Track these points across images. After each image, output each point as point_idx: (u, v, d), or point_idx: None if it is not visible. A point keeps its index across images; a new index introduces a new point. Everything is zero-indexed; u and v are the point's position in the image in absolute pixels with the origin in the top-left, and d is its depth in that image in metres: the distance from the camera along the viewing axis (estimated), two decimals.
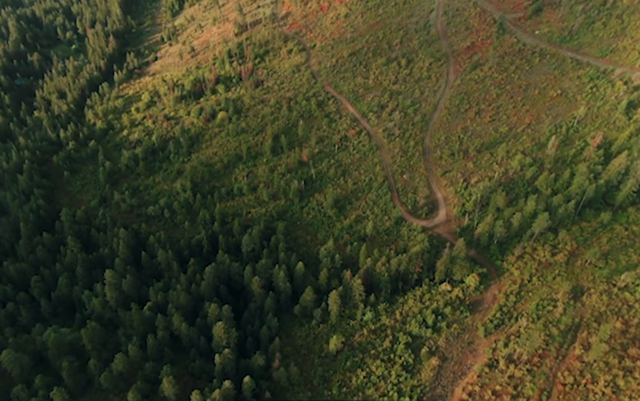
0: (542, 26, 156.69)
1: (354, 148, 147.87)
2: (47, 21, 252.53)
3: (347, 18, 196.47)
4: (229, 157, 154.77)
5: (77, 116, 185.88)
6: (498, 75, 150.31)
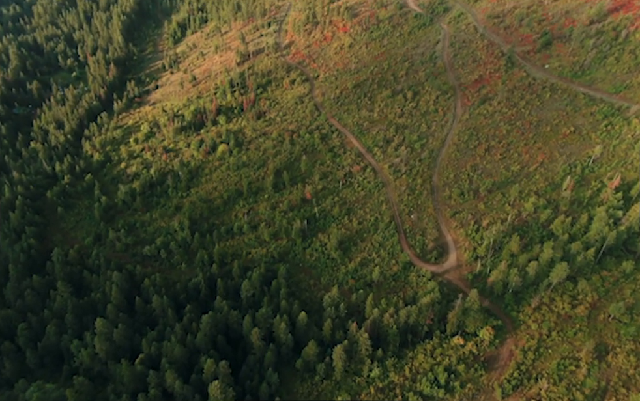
0: (552, 60, 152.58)
1: (359, 185, 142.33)
2: (49, 48, 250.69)
3: (351, 48, 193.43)
4: (229, 193, 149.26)
5: (75, 147, 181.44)
6: (508, 110, 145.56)
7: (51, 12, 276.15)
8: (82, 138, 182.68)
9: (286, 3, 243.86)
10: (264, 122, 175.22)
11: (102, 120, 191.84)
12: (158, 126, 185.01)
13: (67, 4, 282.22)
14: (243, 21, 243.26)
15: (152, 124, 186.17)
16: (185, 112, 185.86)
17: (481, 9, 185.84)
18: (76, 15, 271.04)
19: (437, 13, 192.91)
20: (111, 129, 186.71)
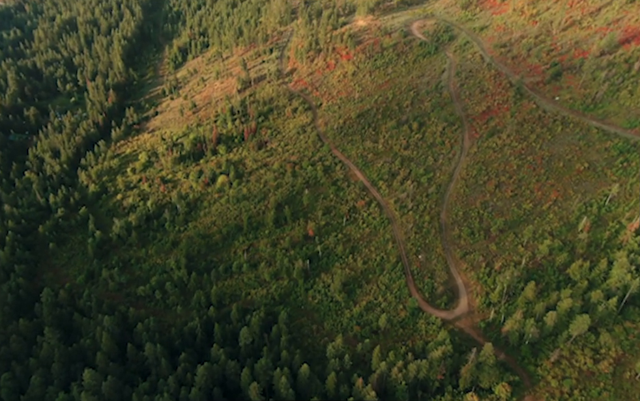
0: (563, 92, 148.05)
1: (364, 221, 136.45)
2: (48, 72, 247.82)
3: (354, 76, 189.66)
4: (229, 228, 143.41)
5: (70, 177, 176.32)
6: (518, 143, 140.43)
7: (51, 36, 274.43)
8: (78, 168, 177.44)
9: (288, 29, 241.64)
10: (265, 152, 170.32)
11: (99, 148, 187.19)
12: (157, 155, 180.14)
13: (68, 28, 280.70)
14: (245, 46, 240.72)
15: (151, 153, 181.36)
16: (184, 141, 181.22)
17: (488, 38, 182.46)
18: (77, 40, 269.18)
19: (442, 42, 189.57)
20: (108, 158, 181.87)
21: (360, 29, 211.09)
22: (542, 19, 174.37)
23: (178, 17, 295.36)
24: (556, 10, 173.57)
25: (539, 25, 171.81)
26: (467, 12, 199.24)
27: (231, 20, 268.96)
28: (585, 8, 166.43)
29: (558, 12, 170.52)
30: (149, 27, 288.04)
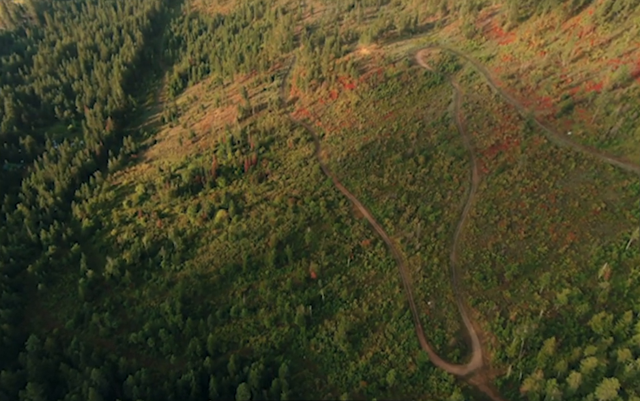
0: (575, 126, 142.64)
1: (369, 262, 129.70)
2: (46, 99, 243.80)
3: (358, 106, 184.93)
4: (227, 268, 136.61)
5: (64, 210, 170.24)
6: (530, 181, 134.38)
7: (51, 61, 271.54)
8: (72, 201, 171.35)
9: (290, 56, 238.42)
10: (266, 185, 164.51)
11: (95, 180, 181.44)
12: (154, 188, 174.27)
13: (68, 53, 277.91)
14: (246, 73, 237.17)
15: (148, 185, 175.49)
16: (182, 173, 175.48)
17: (494, 68, 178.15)
18: (76, 65, 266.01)
19: (448, 72, 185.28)
20: (103, 191, 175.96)
21: (363, 58, 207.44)
22: (550, 50, 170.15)
23: (179, 42, 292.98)
24: (564, 41, 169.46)
25: (548, 56, 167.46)
26: (473, 41, 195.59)
27: (232, 46, 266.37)
28: (595, 40, 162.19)
29: (567, 43, 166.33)
30: (150, 53, 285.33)
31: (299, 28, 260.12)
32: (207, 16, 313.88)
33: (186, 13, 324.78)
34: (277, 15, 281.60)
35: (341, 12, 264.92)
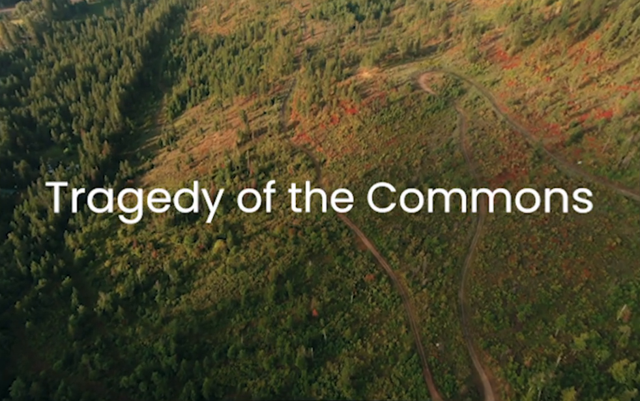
0: (585, 155, 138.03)
1: (373, 299, 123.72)
2: (42, 122, 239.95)
3: (360, 132, 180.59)
4: (224, 303, 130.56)
5: (57, 239, 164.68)
6: (540, 213, 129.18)
7: (48, 83, 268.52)
8: (65, 231, 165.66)
9: (290, 78, 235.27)
10: (265, 214, 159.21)
11: (89, 208, 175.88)
12: (149, 215, 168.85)
13: (66, 75, 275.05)
14: (245, 95, 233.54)
15: (143, 213, 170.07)
16: (180, 200, 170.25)
17: (499, 93, 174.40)
18: (74, 87, 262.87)
19: (452, 97, 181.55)
20: (97, 219, 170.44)
21: (365, 81, 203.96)
22: (557, 75, 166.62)
23: (179, 63, 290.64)
24: (571, 66, 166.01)
25: (555, 82, 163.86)
26: (477, 65, 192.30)
27: (231, 68, 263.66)
28: (602, 65, 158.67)
29: (573, 69, 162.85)
30: (148, 74, 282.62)
31: (299, 50, 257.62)
32: (207, 37, 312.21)
33: (185, 34, 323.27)
34: (277, 36, 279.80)
35: (342, 33, 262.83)
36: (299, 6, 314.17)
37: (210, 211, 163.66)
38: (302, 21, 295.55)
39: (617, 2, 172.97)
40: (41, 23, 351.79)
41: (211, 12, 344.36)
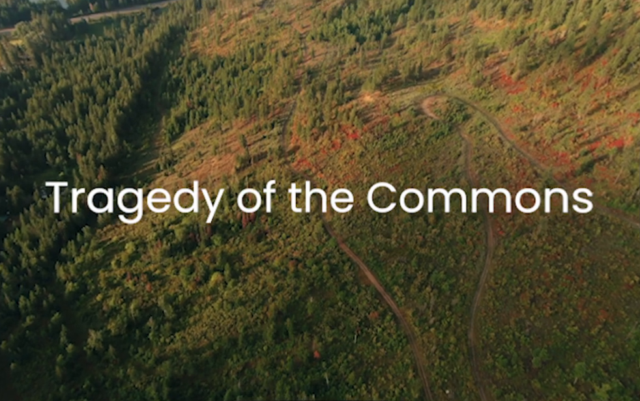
0: (597, 186, 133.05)
1: (378, 339, 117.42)
2: (38, 145, 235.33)
3: (362, 158, 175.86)
4: (221, 343, 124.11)
5: (48, 270, 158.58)
6: (552, 247, 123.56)
7: (45, 105, 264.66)
8: (57, 262, 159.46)
9: (291, 101, 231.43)
10: (264, 244, 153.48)
11: (83, 236, 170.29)
12: (145, 245, 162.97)
13: (63, 97, 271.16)
14: (245, 118, 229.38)
15: (138, 243, 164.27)
16: (176, 230, 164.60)
17: (505, 119, 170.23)
18: (71, 109, 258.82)
19: (456, 122, 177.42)
20: (91, 249, 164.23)
21: (366, 106, 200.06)
22: (564, 101, 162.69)
23: (178, 84, 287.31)
24: (578, 92, 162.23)
25: (562, 108, 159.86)
26: (481, 89, 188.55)
27: (231, 89, 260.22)
28: (611, 91, 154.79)
29: (581, 95, 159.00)
30: (147, 95, 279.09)
31: (300, 72, 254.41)
32: (206, 58, 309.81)
33: (185, 55, 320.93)
34: (277, 57, 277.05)
35: (342, 55, 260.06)
36: (299, 27, 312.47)
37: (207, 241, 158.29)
38: (302, 43, 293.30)
39: (624, 27, 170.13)
40: (40, 44, 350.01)
41: (211, 33, 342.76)
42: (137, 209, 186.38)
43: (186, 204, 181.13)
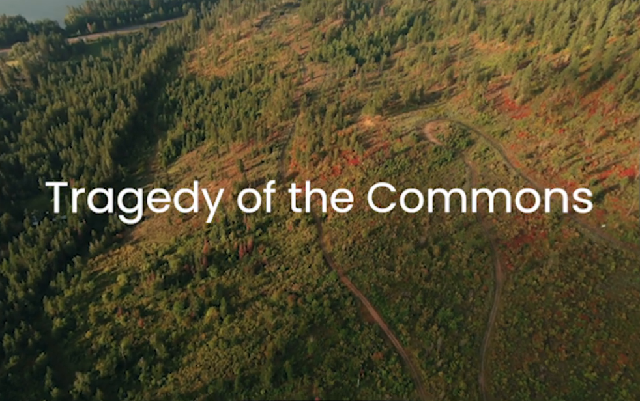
0: (609, 218, 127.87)
1: (383, 382, 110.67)
2: (30, 169, 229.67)
3: (363, 185, 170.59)
4: (216, 386, 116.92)
5: (35, 304, 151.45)
6: (565, 283, 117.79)
7: (39, 128, 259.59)
8: (44, 296, 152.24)
9: (289, 124, 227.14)
10: (262, 277, 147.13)
11: (73, 267, 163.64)
12: (138, 277, 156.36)
13: (58, 119, 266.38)
14: (242, 142, 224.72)
15: (131, 275, 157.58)
16: (170, 261, 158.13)
17: (510, 145, 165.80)
18: (66, 132, 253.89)
19: (459, 148, 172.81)
20: (81, 281, 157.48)
21: (367, 130, 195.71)
22: (570, 128, 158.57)
23: (175, 106, 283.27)
24: (584, 118, 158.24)
25: (569, 134, 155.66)
26: (484, 113, 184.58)
27: (229, 112, 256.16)
28: (619, 118, 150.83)
29: (588, 121, 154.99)
30: (143, 117, 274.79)
31: (299, 94, 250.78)
32: (204, 79, 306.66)
33: (182, 76, 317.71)
34: (276, 79, 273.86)
35: (342, 77, 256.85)
36: (298, 48, 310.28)
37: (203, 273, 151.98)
38: (301, 64, 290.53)
39: (629, 52, 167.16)
40: (36, 65, 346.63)
41: (209, 53, 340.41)
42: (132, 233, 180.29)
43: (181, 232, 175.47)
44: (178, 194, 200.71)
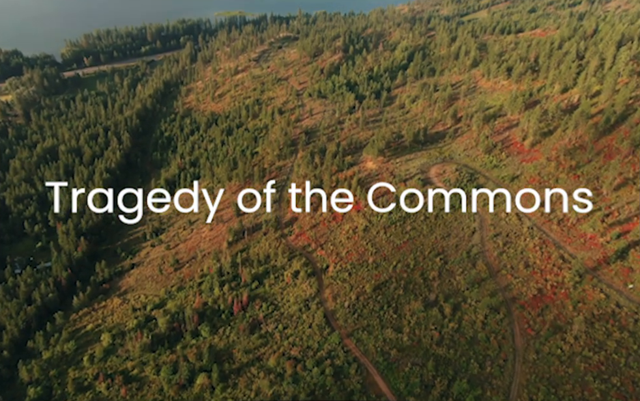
0: (635, 277, 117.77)
1: None
2: (16, 211, 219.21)
3: (366, 233, 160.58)
4: None
5: (9, 368, 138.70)
6: (593, 353, 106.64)
7: (29, 167, 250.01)
8: (20, 359, 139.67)
9: (288, 164, 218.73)
10: (259, 337, 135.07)
11: (54, 325, 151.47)
12: (123, 336, 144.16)
13: (48, 157, 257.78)
14: (239, 182, 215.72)
15: (116, 333, 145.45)
16: (159, 317, 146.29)
17: (521, 191, 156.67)
18: (56, 170, 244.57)
19: (468, 193, 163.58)
20: (61, 342, 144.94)
21: (369, 173, 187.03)
22: (585, 174, 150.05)
23: (169, 143, 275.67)
24: (599, 163, 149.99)
25: (584, 181, 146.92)
26: (491, 156, 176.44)
27: (225, 150, 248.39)
28: (636, 165, 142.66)
29: (603, 167, 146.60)
30: (137, 155, 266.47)
31: (297, 132, 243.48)
32: (200, 114, 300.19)
33: (178, 111, 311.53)
34: (273, 115, 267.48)
35: (341, 114, 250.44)
36: (296, 84, 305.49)
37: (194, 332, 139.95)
38: (299, 99, 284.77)
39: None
40: (30, 99, 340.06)
41: (206, 88, 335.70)
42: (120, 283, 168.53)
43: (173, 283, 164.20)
44: (169, 240, 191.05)
